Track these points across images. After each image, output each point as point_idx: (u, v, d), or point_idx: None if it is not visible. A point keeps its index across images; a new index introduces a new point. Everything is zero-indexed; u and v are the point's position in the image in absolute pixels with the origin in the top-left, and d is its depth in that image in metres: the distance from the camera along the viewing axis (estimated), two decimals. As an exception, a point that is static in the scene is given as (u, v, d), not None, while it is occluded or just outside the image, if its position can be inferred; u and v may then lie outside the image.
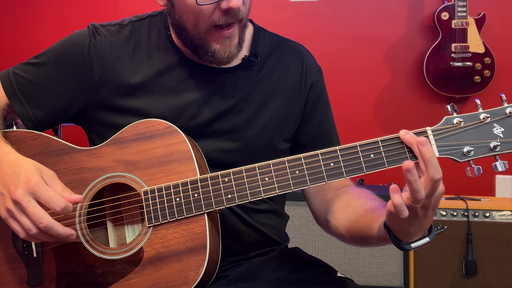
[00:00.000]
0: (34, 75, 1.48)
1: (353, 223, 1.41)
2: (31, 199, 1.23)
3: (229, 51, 1.39)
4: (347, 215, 1.45)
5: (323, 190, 1.56)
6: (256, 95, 1.48)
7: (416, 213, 1.15)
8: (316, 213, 1.58)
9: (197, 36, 1.38)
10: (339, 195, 1.53)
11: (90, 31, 1.48)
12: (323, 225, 1.57)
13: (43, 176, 1.26)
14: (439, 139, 1.20)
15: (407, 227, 1.19)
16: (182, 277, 1.28)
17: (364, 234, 1.35)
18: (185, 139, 1.33)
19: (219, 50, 1.38)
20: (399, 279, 2.91)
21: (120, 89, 1.44)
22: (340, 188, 1.55)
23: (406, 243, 1.23)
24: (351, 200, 1.48)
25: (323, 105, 1.59)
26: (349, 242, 1.48)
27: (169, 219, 1.30)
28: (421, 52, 3.52)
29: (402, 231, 1.21)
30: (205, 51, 1.39)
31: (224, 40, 1.37)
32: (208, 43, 1.38)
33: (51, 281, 1.36)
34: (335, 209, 1.50)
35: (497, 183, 3.53)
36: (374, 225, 1.30)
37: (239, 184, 1.28)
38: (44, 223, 1.22)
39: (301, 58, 1.56)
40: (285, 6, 3.65)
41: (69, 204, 1.24)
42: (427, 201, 1.14)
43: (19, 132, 1.43)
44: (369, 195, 1.48)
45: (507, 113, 1.19)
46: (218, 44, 1.38)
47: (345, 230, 1.45)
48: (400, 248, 1.24)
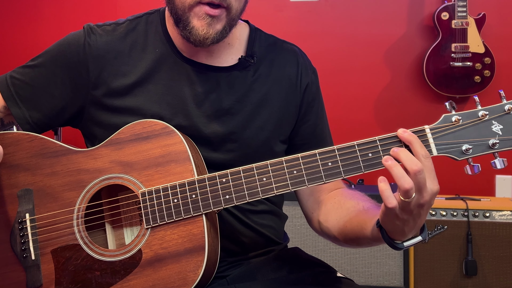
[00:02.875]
0: (31, 77, 1.48)
1: (345, 224, 1.41)
2: None
3: (207, 31, 1.36)
4: (340, 216, 1.45)
5: (316, 192, 1.56)
6: (252, 96, 1.48)
7: (410, 210, 1.15)
8: (309, 214, 1.58)
9: (181, 8, 1.37)
10: (331, 197, 1.53)
11: (85, 31, 1.48)
12: (315, 226, 1.57)
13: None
14: (437, 137, 1.20)
15: (401, 226, 1.19)
16: (181, 278, 1.28)
17: (357, 234, 1.35)
18: (182, 140, 1.33)
19: (197, 28, 1.36)
20: (399, 279, 2.91)
21: (116, 88, 1.44)
22: (333, 190, 1.55)
23: (399, 242, 1.23)
24: (343, 201, 1.48)
25: (317, 106, 1.58)
26: (341, 243, 1.48)
27: (167, 220, 1.30)
28: (421, 52, 3.51)
29: (396, 230, 1.20)
30: (184, 25, 1.38)
31: (206, 17, 1.35)
32: (189, 18, 1.37)
33: (50, 284, 1.36)
34: (327, 211, 1.50)
35: (497, 183, 3.52)
36: (367, 225, 1.30)
37: (237, 184, 1.28)
38: None
39: (297, 60, 1.56)
40: (285, 6, 3.65)
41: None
42: (419, 197, 1.14)
43: (15, 134, 1.43)
44: (362, 196, 1.48)
45: (506, 110, 1.18)
46: (199, 21, 1.36)
47: (337, 231, 1.45)
48: (393, 247, 1.24)
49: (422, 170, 1.13)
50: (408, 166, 1.13)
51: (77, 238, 1.34)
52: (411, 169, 1.13)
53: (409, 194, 1.13)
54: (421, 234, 1.24)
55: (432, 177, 1.16)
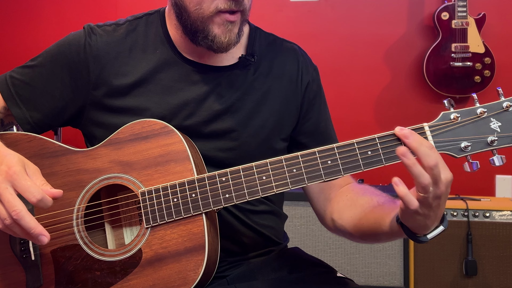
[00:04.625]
0: (31, 77, 1.48)
1: (361, 221, 1.40)
2: (9, 187, 1.18)
3: (229, 37, 1.38)
4: (354, 213, 1.44)
5: (325, 189, 1.55)
6: (253, 94, 1.48)
7: (429, 204, 1.14)
8: (321, 213, 1.57)
9: (199, 19, 1.37)
10: (343, 193, 1.52)
11: (86, 31, 1.48)
12: (329, 224, 1.55)
13: (26, 168, 1.22)
14: (436, 135, 1.20)
15: (423, 220, 1.17)
16: (181, 278, 1.28)
17: (374, 230, 1.35)
18: (181, 139, 1.33)
19: (220, 35, 1.37)
20: (399, 279, 2.91)
21: (116, 89, 1.44)
22: (343, 186, 1.54)
23: (422, 235, 1.22)
24: (356, 197, 1.48)
25: (319, 104, 1.58)
26: (358, 240, 1.47)
27: (167, 220, 1.30)
28: (421, 52, 3.51)
29: (418, 225, 1.19)
30: (205, 35, 1.38)
31: (226, 24, 1.36)
32: (209, 27, 1.37)
33: (50, 284, 1.36)
34: (340, 208, 1.49)
35: (497, 183, 3.52)
36: (385, 221, 1.29)
37: (236, 183, 1.28)
38: (17, 211, 1.16)
39: (297, 58, 1.56)
40: (285, 6, 3.65)
41: (46, 197, 1.19)
42: (436, 189, 1.13)
43: (13, 134, 1.43)
44: (374, 191, 1.47)
45: (504, 107, 1.18)
46: (220, 29, 1.36)
47: (353, 228, 1.44)
48: (417, 241, 1.23)
49: (438, 164, 1.11)
50: (424, 161, 1.11)
51: (77, 238, 1.34)
52: (428, 164, 1.11)
53: (427, 189, 1.12)
54: (442, 223, 1.22)
55: (443, 166, 1.14)
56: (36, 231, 1.18)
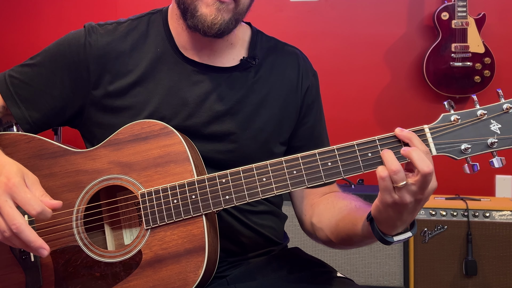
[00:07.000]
0: (30, 76, 1.47)
1: (338, 222, 1.41)
2: (8, 200, 1.18)
3: (215, 16, 1.35)
4: (332, 215, 1.45)
5: (310, 195, 1.56)
6: (253, 97, 1.47)
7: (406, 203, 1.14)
8: (302, 217, 1.58)
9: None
10: (325, 198, 1.53)
11: (86, 30, 1.47)
12: (308, 228, 1.56)
13: (25, 179, 1.22)
14: (436, 137, 1.20)
15: (395, 218, 1.18)
16: (181, 279, 1.28)
17: (348, 231, 1.35)
18: (181, 140, 1.33)
19: (206, 14, 1.35)
20: (399, 279, 2.91)
21: (117, 88, 1.43)
22: (327, 193, 1.55)
23: (389, 235, 1.22)
24: (336, 201, 1.49)
25: (316, 109, 1.58)
26: (334, 244, 1.48)
27: (167, 221, 1.29)
28: (421, 52, 3.51)
29: (388, 222, 1.20)
30: (192, 13, 1.37)
31: (215, 2, 1.35)
32: (197, 6, 1.36)
33: (50, 285, 1.35)
34: (320, 211, 1.50)
35: (497, 183, 3.52)
36: (358, 222, 1.30)
37: (236, 185, 1.27)
38: (17, 224, 1.16)
39: (298, 62, 1.56)
40: (285, 6, 3.65)
41: (46, 209, 1.18)
42: (420, 194, 1.14)
43: (12, 135, 1.42)
44: (355, 197, 1.48)
45: (504, 109, 1.18)
46: (208, 8, 1.35)
47: (330, 231, 1.44)
48: (383, 241, 1.23)
49: (433, 172, 1.12)
50: (420, 166, 1.11)
51: (77, 239, 1.34)
52: (423, 170, 1.11)
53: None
54: (411, 230, 1.23)
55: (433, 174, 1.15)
56: (36, 244, 1.18)
